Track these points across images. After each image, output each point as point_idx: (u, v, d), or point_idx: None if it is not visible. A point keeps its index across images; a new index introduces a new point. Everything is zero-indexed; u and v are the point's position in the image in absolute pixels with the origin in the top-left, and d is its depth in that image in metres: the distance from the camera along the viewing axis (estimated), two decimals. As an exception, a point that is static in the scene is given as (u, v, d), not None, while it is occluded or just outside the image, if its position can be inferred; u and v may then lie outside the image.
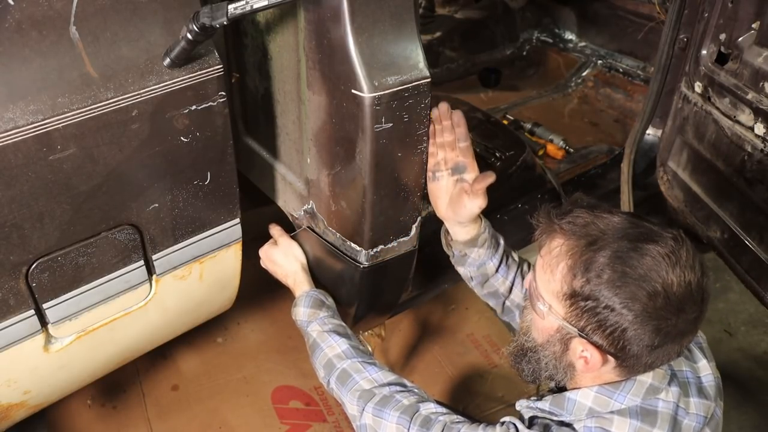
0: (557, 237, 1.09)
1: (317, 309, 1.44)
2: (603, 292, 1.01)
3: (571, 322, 1.07)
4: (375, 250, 1.45)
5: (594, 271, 1.02)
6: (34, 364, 1.37)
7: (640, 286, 1.00)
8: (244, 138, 1.71)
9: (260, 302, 2.47)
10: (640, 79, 3.11)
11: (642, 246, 1.02)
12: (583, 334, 1.06)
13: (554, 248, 1.08)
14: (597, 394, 1.11)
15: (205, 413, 2.10)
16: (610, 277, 1.01)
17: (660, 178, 2.37)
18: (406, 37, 1.24)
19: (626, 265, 1.01)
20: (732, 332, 2.59)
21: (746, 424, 2.27)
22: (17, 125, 1.05)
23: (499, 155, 2.39)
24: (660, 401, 1.10)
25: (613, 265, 1.01)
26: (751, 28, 1.89)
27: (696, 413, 1.14)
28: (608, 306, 1.01)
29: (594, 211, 1.08)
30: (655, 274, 1.00)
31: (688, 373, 1.19)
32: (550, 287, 1.09)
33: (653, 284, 1.00)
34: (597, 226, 1.05)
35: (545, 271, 1.10)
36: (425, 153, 1.35)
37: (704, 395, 1.17)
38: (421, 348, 2.38)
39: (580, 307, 1.04)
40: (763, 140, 1.80)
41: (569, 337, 1.09)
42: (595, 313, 1.03)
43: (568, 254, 1.06)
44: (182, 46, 1.15)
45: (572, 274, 1.04)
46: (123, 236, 1.30)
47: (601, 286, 1.01)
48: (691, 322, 1.05)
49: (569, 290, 1.05)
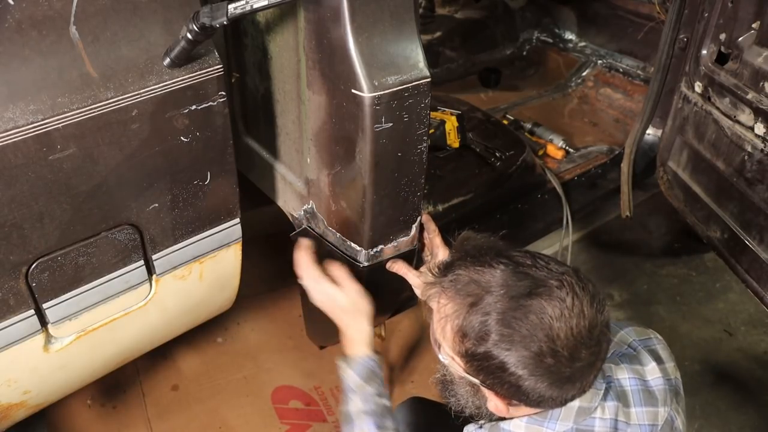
0: (443, 296, 1.08)
1: (367, 383, 1.34)
2: (492, 353, 1.01)
3: (471, 375, 1.07)
4: (375, 250, 1.45)
5: (480, 333, 1.01)
6: (34, 364, 1.37)
7: (526, 347, 0.99)
8: (244, 138, 1.71)
9: (260, 302, 2.47)
10: (640, 79, 3.11)
11: (525, 303, 1.00)
12: (485, 385, 1.06)
13: (441, 308, 1.08)
14: (528, 425, 1.10)
15: (205, 413, 2.10)
16: (496, 339, 1.00)
17: (660, 178, 2.37)
18: (406, 37, 1.24)
19: (509, 327, 0.99)
20: (732, 332, 2.59)
21: (746, 424, 2.27)
22: (17, 125, 1.05)
23: (499, 155, 2.39)
24: (596, 420, 1.10)
25: (497, 328, 1.00)
26: (751, 28, 1.89)
27: (639, 423, 1.13)
28: (500, 366, 1.01)
29: (476, 265, 1.06)
30: (540, 332, 0.99)
31: (631, 381, 1.17)
32: (448, 343, 1.08)
33: (539, 344, 0.98)
34: (479, 285, 1.04)
35: (440, 330, 1.09)
36: (425, 153, 1.35)
37: (651, 402, 1.15)
38: (421, 348, 2.38)
39: (475, 366, 1.04)
40: (763, 140, 1.80)
41: (476, 385, 1.09)
42: (490, 371, 1.03)
43: (454, 316, 1.05)
44: (182, 46, 1.15)
45: (460, 335, 1.04)
46: (123, 236, 1.30)
47: (489, 348, 1.01)
48: (589, 364, 1.03)
49: (461, 349, 1.05)
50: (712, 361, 2.48)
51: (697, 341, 2.55)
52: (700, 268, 2.88)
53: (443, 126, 2.37)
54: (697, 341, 2.55)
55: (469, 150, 2.42)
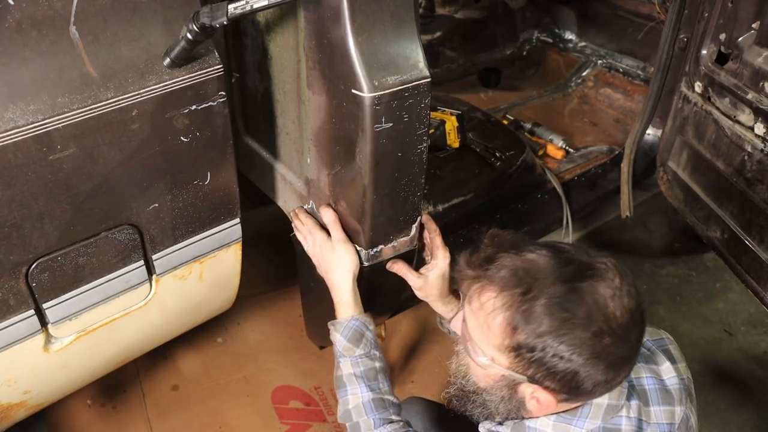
0: (488, 289, 1.04)
1: (354, 345, 1.34)
2: (548, 342, 0.98)
3: (517, 372, 1.03)
4: (375, 250, 1.45)
5: (535, 322, 0.98)
6: (34, 364, 1.37)
7: (585, 328, 0.97)
8: (244, 138, 1.71)
9: (260, 302, 2.47)
10: (640, 79, 3.11)
11: (578, 286, 0.99)
12: (533, 380, 1.03)
13: (486, 302, 1.03)
14: (556, 423, 1.09)
15: (205, 413, 2.10)
16: (552, 325, 0.97)
17: (660, 178, 2.37)
18: (406, 37, 1.24)
19: (566, 310, 0.97)
20: (732, 332, 2.59)
21: (746, 424, 2.27)
22: (17, 125, 1.05)
23: (499, 155, 2.39)
24: (623, 418, 1.09)
25: (553, 313, 0.97)
26: (751, 28, 1.89)
27: (658, 422, 1.13)
28: (556, 354, 0.98)
29: (519, 253, 1.04)
30: (597, 312, 0.97)
31: (648, 380, 1.16)
32: (489, 340, 1.04)
33: (597, 324, 0.97)
34: (527, 272, 1.01)
35: (481, 327, 1.05)
36: (425, 153, 1.35)
37: (668, 401, 1.15)
38: (421, 348, 2.38)
39: (527, 358, 1.01)
40: (763, 140, 1.80)
41: (516, 383, 1.06)
42: (543, 362, 1.00)
43: (505, 306, 1.01)
44: (182, 46, 1.15)
45: (512, 327, 1.00)
46: (123, 236, 1.30)
47: (545, 336, 0.98)
48: (636, 346, 1.03)
49: (512, 343, 1.01)
50: (712, 361, 2.48)
51: (697, 341, 2.55)
52: (700, 268, 2.88)
53: (443, 126, 2.37)
54: (697, 341, 2.55)
55: (469, 150, 2.42)
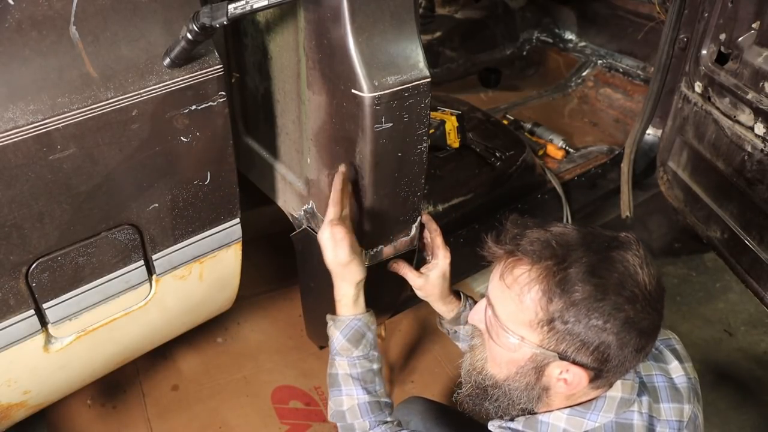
0: (521, 263, 1.04)
1: (353, 345, 1.33)
2: (583, 310, 0.99)
3: (549, 348, 1.03)
4: (375, 250, 1.45)
5: (570, 290, 0.99)
6: (34, 364, 1.37)
7: (620, 294, 0.99)
8: (244, 138, 1.71)
9: (260, 302, 2.47)
10: (640, 79, 3.11)
11: (609, 255, 1.01)
12: (564, 356, 1.03)
13: (520, 275, 1.03)
14: (569, 416, 1.09)
15: (205, 413, 2.10)
16: (587, 292, 0.98)
17: (660, 178, 2.37)
18: (406, 37, 1.24)
19: (600, 277, 0.99)
20: (732, 332, 2.59)
21: (746, 424, 2.27)
22: (17, 125, 1.05)
23: (499, 155, 2.39)
24: (634, 413, 1.09)
25: (587, 281, 0.99)
26: (751, 28, 1.89)
27: (668, 419, 1.13)
28: (591, 322, 0.99)
29: (546, 228, 1.05)
30: (629, 279, 1.00)
31: (658, 377, 1.17)
32: (520, 318, 1.04)
33: (631, 289, 0.99)
34: (559, 243, 1.02)
35: (512, 302, 1.05)
36: (425, 153, 1.35)
37: (677, 399, 1.16)
38: (421, 348, 2.38)
39: (561, 330, 1.01)
40: (763, 140, 1.80)
41: (545, 363, 1.05)
42: (577, 333, 1.00)
43: (540, 278, 1.01)
44: (182, 46, 1.15)
45: (547, 298, 1.01)
46: (123, 236, 1.30)
47: (580, 304, 0.99)
48: (661, 316, 1.05)
49: (546, 316, 1.01)
50: (712, 361, 2.48)
51: (697, 341, 2.55)
52: (700, 268, 2.88)
53: (443, 126, 2.37)
54: (697, 341, 2.55)
55: (469, 150, 2.42)
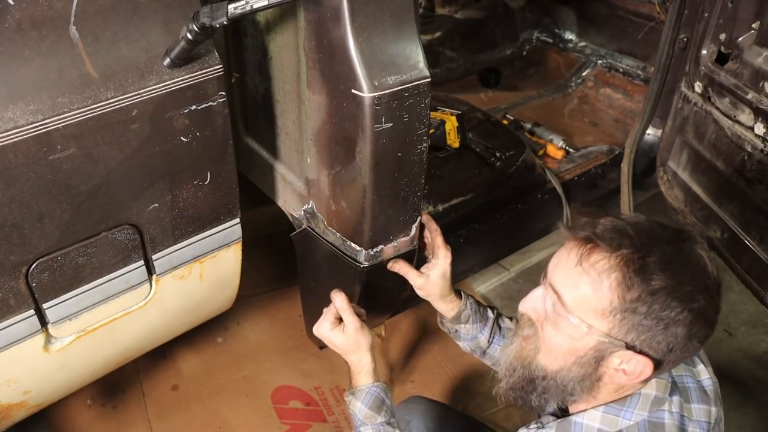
0: (598, 250, 1.04)
1: (376, 412, 1.33)
2: (660, 300, 1.00)
3: (617, 337, 1.03)
4: (375, 250, 1.45)
5: (648, 279, 1.00)
6: (34, 364, 1.37)
7: (695, 285, 1.01)
8: (244, 138, 1.71)
9: (260, 302, 2.47)
10: (640, 79, 3.11)
11: (681, 246, 1.03)
12: (631, 345, 1.03)
13: (597, 262, 1.03)
14: (604, 414, 1.09)
15: (205, 413, 2.10)
16: (665, 282, 0.99)
17: (660, 178, 2.37)
18: (406, 37, 1.24)
19: (677, 267, 1.01)
20: (732, 332, 2.59)
21: (746, 424, 2.27)
22: (17, 125, 1.05)
23: (499, 155, 2.39)
24: (666, 413, 1.10)
25: (666, 270, 1.00)
26: (751, 28, 1.89)
27: (698, 419, 1.14)
28: (666, 312, 1.00)
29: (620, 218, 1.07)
30: (701, 270, 1.02)
31: (688, 379, 1.18)
32: (592, 305, 1.04)
33: (704, 281, 1.02)
34: (636, 233, 1.03)
35: (588, 287, 1.04)
36: (425, 153, 1.35)
37: (705, 400, 1.17)
38: (421, 348, 2.38)
39: (634, 318, 1.01)
40: (763, 140, 1.80)
41: (609, 353, 1.05)
42: (650, 322, 1.01)
43: (618, 265, 1.01)
44: (182, 46, 1.15)
45: (625, 286, 1.01)
46: (123, 236, 1.30)
47: (658, 293, 1.00)
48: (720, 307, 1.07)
49: (621, 304, 1.01)
50: (712, 361, 2.44)
51: (697, 341, 2.54)
52: (700, 268, 2.88)
53: (443, 126, 2.37)
54: (697, 341, 2.54)
55: (469, 150, 2.42)
